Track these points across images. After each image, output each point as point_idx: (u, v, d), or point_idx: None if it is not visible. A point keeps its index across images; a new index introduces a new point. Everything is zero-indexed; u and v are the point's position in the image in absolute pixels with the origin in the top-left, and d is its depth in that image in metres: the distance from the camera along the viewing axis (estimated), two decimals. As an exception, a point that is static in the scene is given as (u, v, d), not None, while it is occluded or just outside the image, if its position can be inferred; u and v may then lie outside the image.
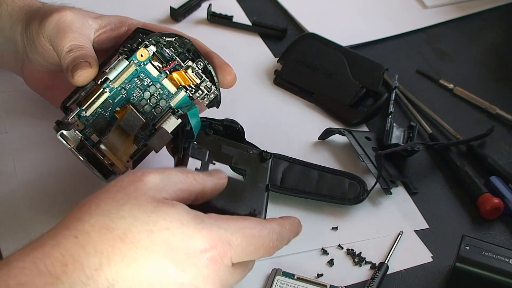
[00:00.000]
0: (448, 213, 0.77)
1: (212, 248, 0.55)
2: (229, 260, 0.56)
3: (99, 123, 0.68)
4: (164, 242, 0.53)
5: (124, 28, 0.74)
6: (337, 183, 0.75)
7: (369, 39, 0.96)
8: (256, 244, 0.58)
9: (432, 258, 0.72)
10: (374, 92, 0.87)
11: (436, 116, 0.87)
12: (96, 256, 0.51)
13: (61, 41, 0.68)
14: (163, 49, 0.69)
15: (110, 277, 0.51)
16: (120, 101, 0.68)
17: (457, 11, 1.01)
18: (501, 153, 0.83)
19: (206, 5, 0.97)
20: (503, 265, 0.66)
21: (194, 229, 0.54)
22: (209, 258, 0.55)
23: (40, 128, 0.79)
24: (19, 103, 0.82)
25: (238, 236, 0.57)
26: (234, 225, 0.57)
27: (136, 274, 0.52)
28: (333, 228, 0.74)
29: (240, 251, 0.57)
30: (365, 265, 0.71)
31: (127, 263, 0.52)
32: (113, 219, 0.53)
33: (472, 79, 0.93)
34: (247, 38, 0.95)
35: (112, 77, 0.67)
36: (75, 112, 0.67)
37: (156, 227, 0.53)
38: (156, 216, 0.54)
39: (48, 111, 0.80)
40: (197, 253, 0.54)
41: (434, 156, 0.83)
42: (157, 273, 0.53)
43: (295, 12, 0.99)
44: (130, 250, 0.52)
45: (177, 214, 0.55)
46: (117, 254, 0.52)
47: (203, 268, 0.54)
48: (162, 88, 0.69)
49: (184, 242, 0.54)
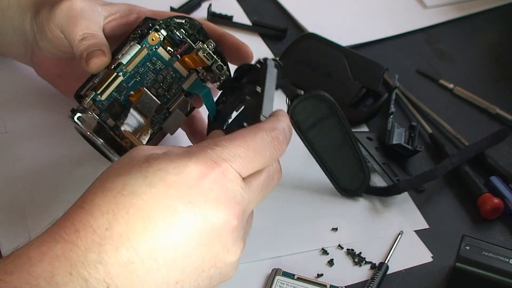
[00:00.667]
0: (448, 213, 0.77)
1: (208, 171, 0.54)
2: (233, 174, 0.55)
3: (115, 107, 0.68)
4: (160, 181, 0.53)
5: (133, 16, 0.75)
6: (348, 166, 0.74)
7: (369, 39, 0.96)
8: (255, 148, 0.56)
9: (432, 258, 0.72)
10: (374, 92, 0.87)
11: (436, 116, 0.87)
12: (103, 217, 0.52)
13: (73, 29, 0.69)
14: (174, 32, 0.70)
15: (123, 231, 0.52)
16: (134, 85, 0.69)
17: (457, 11, 1.01)
18: (501, 153, 0.83)
19: (206, 5, 0.97)
20: (503, 265, 0.66)
21: (184, 160, 0.54)
22: (210, 181, 0.54)
23: (40, 127, 0.79)
24: (19, 103, 0.82)
25: (230, 148, 0.56)
26: (223, 140, 0.56)
27: (146, 221, 0.52)
28: (333, 229, 0.74)
29: (241, 161, 0.56)
30: (365, 265, 0.71)
31: (133, 214, 0.52)
32: (111, 180, 0.54)
33: (472, 79, 0.93)
34: (247, 38, 0.95)
35: (125, 61, 0.68)
36: (91, 96, 0.67)
37: (149, 172, 0.54)
38: (148, 163, 0.54)
39: (48, 111, 0.80)
40: (196, 181, 0.54)
41: (434, 156, 0.83)
42: (165, 213, 0.53)
43: (295, 12, 0.99)
44: (132, 200, 0.52)
45: (165, 156, 0.55)
46: (121, 208, 0.52)
47: (209, 192, 0.54)
48: (174, 72, 0.70)
49: (178, 175, 0.53)
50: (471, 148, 0.80)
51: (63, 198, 0.73)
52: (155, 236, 0.52)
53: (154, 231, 0.52)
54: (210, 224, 0.54)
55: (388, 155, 0.81)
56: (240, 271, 0.68)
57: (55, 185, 0.74)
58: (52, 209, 0.72)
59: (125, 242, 0.52)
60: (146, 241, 0.52)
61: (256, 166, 0.57)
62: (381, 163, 0.78)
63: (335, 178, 0.76)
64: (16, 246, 0.53)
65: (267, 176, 0.59)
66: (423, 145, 0.82)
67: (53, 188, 0.74)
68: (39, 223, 0.70)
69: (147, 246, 0.52)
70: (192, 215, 0.53)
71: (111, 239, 0.51)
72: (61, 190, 0.74)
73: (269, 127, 0.58)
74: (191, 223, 0.53)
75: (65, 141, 0.78)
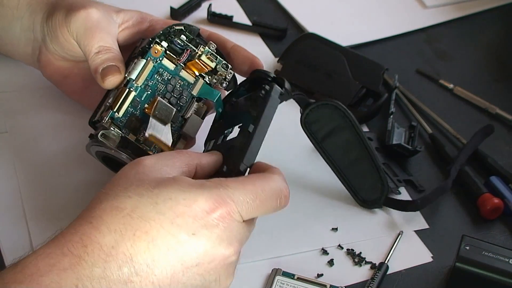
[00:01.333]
0: (448, 213, 0.77)
1: (217, 207, 0.56)
2: (238, 215, 0.58)
3: (132, 122, 0.69)
4: (170, 210, 0.56)
5: (145, 24, 0.76)
6: (365, 175, 0.74)
7: (369, 39, 0.96)
8: (261, 197, 0.59)
9: (432, 258, 0.72)
10: (374, 92, 0.87)
11: (436, 116, 0.87)
12: (111, 235, 0.54)
13: (89, 41, 0.70)
14: (174, 41, 0.71)
15: (127, 251, 0.54)
16: (146, 98, 0.70)
17: (457, 11, 1.01)
18: (501, 153, 0.83)
19: (206, 5, 0.97)
20: (503, 265, 0.66)
21: (196, 193, 0.57)
22: (217, 217, 0.56)
23: (40, 127, 0.79)
24: (19, 103, 0.82)
25: (241, 192, 0.58)
26: (235, 182, 0.59)
27: (150, 245, 0.55)
28: (333, 229, 0.74)
29: (247, 206, 0.58)
30: (365, 265, 0.71)
31: (140, 236, 0.55)
32: (121, 200, 0.56)
33: (472, 79, 0.93)
34: (247, 38, 0.95)
35: (134, 76, 0.69)
36: (108, 115, 0.68)
37: (160, 199, 0.56)
38: (159, 190, 0.57)
39: (48, 111, 0.80)
40: (204, 215, 0.56)
41: (434, 156, 0.83)
42: (169, 240, 0.55)
43: (295, 12, 0.99)
44: (140, 224, 0.55)
45: (177, 185, 0.57)
46: (128, 230, 0.55)
47: (214, 227, 0.56)
48: (182, 80, 0.71)
49: (188, 207, 0.56)
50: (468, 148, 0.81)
51: (63, 199, 0.73)
52: (156, 261, 0.55)
53: (155, 256, 0.55)
54: (209, 257, 0.56)
55: (388, 155, 0.81)
56: (240, 271, 0.68)
57: (55, 185, 0.74)
58: (52, 210, 0.72)
59: (128, 262, 0.54)
60: (147, 263, 0.55)
61: (259, 214, 0.60)
62: (381, 163, 0.78)
63: (354, 190, 0.75)
64: (16, 246, 0.54)
65: (255, 221, 0.62)
66: (423, 145, 0.82)
67: (53, 188, 0.74)
68: (39, 224, 0.70)
69: (147, 269, 0.55)
70: (194, 246, 0.56)
71: (116, 257, 0.54)
72: (61, 190, 0.74)
73: (281, 182, 0.61)
74: (192, 254, 0.56)
75: (65, 141, 0.78)
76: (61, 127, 0.79)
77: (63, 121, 0.80)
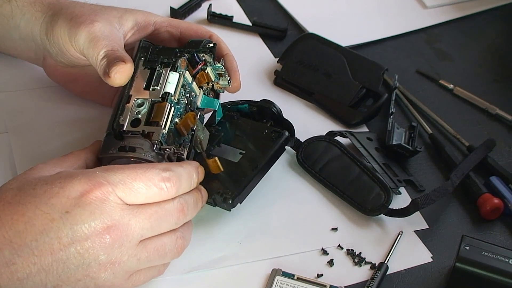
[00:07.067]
0: (448, 213, 0.77)
1: (91, 188, 0.59)
2: (115, 197, 0.59)
3: (170, 137, 0.68)
4: (45, 192, 0.58)
5: (150, 28, 0.76)
6: (366, 188, 0.75)
7: (369, 39, 0.96)
8: (141, 179, 0.60)
9: (432, 258, 0.72)
10: (374, 92, 0.87)
11: (436, 116, 0.87)
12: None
13: (95, 51, 0.70)
14: (195, 54, 0.72)
15: (6, 234, 0.57)
16: (176, 111, 0.69)
17: (457, 11, 1.01)
18: (501, 153, 0.83)
19: (206, 5, 0.97)
20: (503, 265, 0.66)
21: (72, 177, 0.59)
22: (92, 197, 0.59)
23: (40, 127, 0.79)
24: (19, 103, 0.82)
25: (118, 175, 0.60)
26: (115, 168, 0.61)
27: (27, 225, 0.57)
28: (333, 229, 0.74)
29: (124, 187, 0.60)
30: (365, 265, 0.71)
31: (17, 219, 0.57)
32: (4, 191, 0.60)
33: (472, 79, 0.93)
34: (247, 38, 0.95)
35: (173, 91, 0.69)
36: (160, 134, 0.66)
37: (38, 185, 0.59)
38: (39, 179, 0.60)
39: (48, 111, 0.80)
40: (78, 196, 0.58)
41: (434, 156, 0.83)
42: (44, 219, 0.57)
43: (295, 12, 0.99)
44: (17, 208, 0.58)
45: (57, 174, 0.61)
46: (7, 214, 0.57)
47: (87, 206, 0.58)
48: (192, 91, 0.72)
49: (62, 188, 0.59)
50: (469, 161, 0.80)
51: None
52: (34, 240, 0.57)
53: (33, 235, 0.57)
54: (84, 234, 0.58)
55: (388, 156, 0.81)
56: (240, 271, 0.68)
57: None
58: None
59: (8, 244, 0.57)
60: (26, 244, 0.57)
61: (140, 198, 0.61)
62: (381, 163, 0.78)
63: (357, 203, 0.75)
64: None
65: (158, 209, 0.62)
66: (423, 145, 0.82)
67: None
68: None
69: (27, 249, 0.57)
70: (68, 224, 0.58)
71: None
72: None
73: (163, 167, 0.62)
74: (67, 231, 0.58)
75: (65, 141, 0.78)
76: (61, 127, 0.79)
77: (63, 121, 0.80)
